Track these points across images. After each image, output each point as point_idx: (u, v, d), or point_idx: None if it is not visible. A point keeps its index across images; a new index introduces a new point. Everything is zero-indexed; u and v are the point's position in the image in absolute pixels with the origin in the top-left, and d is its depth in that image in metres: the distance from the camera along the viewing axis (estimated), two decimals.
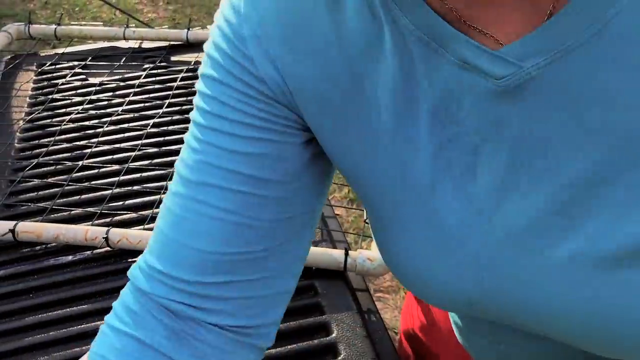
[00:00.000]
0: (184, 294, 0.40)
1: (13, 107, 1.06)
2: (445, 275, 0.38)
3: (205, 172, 0.39)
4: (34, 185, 0.87)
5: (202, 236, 0.39)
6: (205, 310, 0.40)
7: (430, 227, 0.37)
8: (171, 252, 0.40)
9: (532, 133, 0.33)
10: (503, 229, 0.35)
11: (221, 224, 0.39)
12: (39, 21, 3.37)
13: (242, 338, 0.42)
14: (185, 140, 0.41)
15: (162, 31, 1.22)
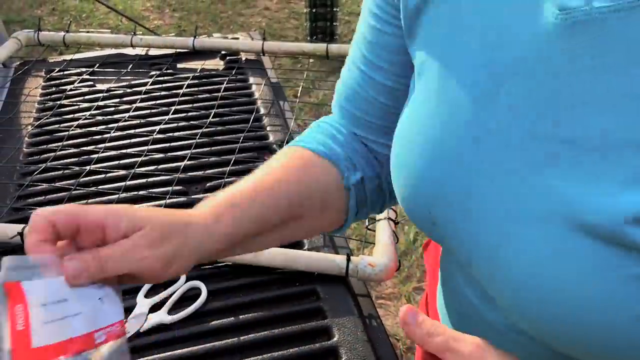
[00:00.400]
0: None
1: (22, 112, 1.08)
2: (429, 170, 0.43)
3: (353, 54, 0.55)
4: (42, 189, 0.88)
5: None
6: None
7: (440, 121, 0.42)
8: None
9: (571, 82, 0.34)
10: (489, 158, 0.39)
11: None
12: (46, 27, 3.41)
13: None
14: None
15: (169, 39, 1.24)
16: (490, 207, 0.40)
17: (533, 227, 0.37)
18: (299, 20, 3.46)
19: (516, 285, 0.39)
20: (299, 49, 1.22)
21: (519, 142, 0.37)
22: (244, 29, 3.42)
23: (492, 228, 0.40)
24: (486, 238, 0.40)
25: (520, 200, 0.38)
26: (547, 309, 0.38)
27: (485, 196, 0.40)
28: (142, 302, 0.70)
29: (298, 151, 0.55)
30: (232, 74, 1.15)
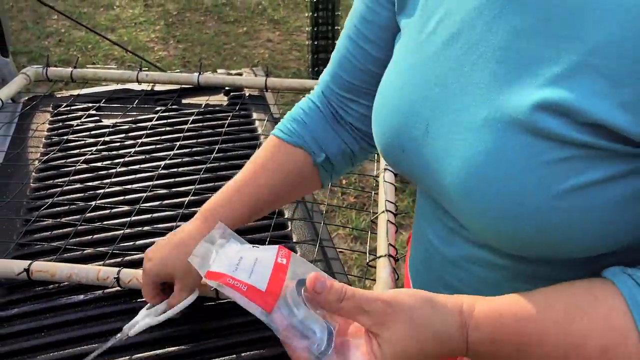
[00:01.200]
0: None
1: (29, 147, 1.10)
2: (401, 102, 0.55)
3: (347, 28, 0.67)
4: (47, 224, 0.90)
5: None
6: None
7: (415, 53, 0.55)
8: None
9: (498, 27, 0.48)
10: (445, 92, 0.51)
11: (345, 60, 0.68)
12: (52, 58, 3.46)
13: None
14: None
15: (174, 75, 1.27)
16: (443, 125, 0.50)
17: (473, 132, 0.47)
18: (301, 52, 3.51)
19: (460, 184, 0.48)
20: (301, 85, 1.24)
21: (468, 71, 0.49)
22: (246, 61, 3.47)
23: (443, 140, 0.50)
24: (438, 150, 0.50)
25: (465, 115, 0.48)
26: (487, 202, 0.46)
27: (440, 118, 0.51)
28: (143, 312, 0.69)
29: (272, 141, 0.72)
30: (235, 110, 1.18)
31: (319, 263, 0.82)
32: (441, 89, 0.51)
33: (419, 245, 0.67)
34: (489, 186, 0.46)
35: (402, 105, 0.55)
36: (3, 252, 0.84)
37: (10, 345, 0.72)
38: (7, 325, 0.75)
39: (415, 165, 0.54)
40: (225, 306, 0.76)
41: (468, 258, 0.56)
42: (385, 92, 0.59)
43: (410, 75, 0.55)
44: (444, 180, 0.50)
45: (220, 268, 0.50)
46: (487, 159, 0.46)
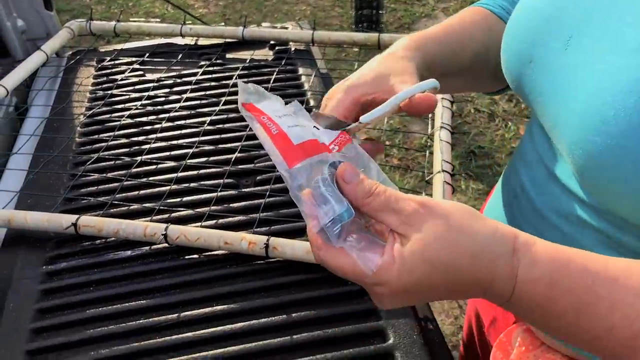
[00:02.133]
0: None
1: (74, 102, 1.08)
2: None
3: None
4: (94, 179, 0.89)
5: None
6: None
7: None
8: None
9: None
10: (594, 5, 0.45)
11: None
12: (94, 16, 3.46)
13: None
14: None
15: (218, 28, 1.23)
16: (590, 41, 0.44)
17: (626, 55, 0.40)
18: (344, 9, 3.41)
19: (594, 110, 0.41)
20: (350, 38, 1.19)
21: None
22: (288, 17, 3.40)
23: (586, 58, 0.43)
24: (576, 68, 0.44)
25: (620, 35, 0.42)
26: (624, 137, 0.39)
27: (588, 33, 0.44)
28: None
29: (482, 12, 0.62)
30: (281, 65, 1.13)
31: None
32: (596, 1, 0.45)
33: (507, 189, 0.60)
34: (631, 119, 0.38)
35: (544, 9, 0.49)
36: (51, 206, 0.83)
37: (59, 298, 0.71)
38: (56, 278, 0.74)
39: (541, 82, 0.48)
40: (273, 264, 0.73)
41: (560, 211, 0.50)
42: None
43: None
44: (573, 103, 0.43)
45: (263, 107, 0.45)
46: (636, 88, 0.39)
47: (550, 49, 0.47)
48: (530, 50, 0.50)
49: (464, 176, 2.20)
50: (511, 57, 0.53)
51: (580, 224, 0.49)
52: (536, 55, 0.49)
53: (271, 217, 0.79)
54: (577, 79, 0.44)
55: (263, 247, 0.72)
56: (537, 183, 0.54)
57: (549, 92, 0.47)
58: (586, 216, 0.48)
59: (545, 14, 0.49)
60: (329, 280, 0.71)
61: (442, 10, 3.38)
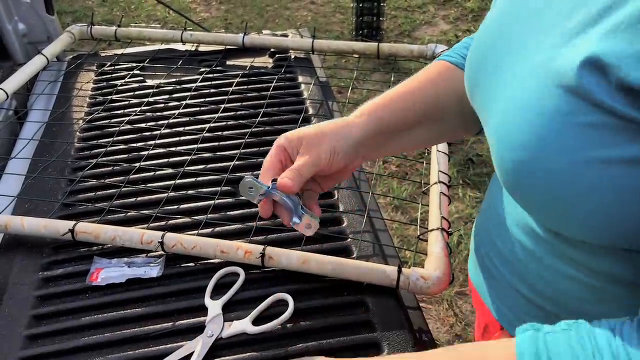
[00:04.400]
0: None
1: (74, 106, 1.09)
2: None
3: None
4: (92, 185, 0.89)
5: None
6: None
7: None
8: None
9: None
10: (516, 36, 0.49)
11: None
12: (96, 18, 3.47)
13: None
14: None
15: (219, 35, 1.24)
16: (508, 64, 0.48)
17: (521, 78, 0.45)
18: (345, 15, 3.43)
19: (496, 127, 0.47)
20: (349, 47, 1.19)
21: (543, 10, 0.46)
22: (289, 23, 3.41)
23: (503, 79, 0.48)
24: (497, 88, 0.49)
25: (523, 58, 0.46)
26: (517, 153, 0.44)
27: (509, 56, 0.48)
28: (212, 305, 0.69)
29: (440, 64, 0.67)
30: (281, 73, 1.14)
31: (366, 234, 0.79)
32: (521, 26, 0.49)
33: (486, 205, 0.66)
34: (520, 133, 0.44)
35: (490, 35, 0.53)
36: (49, 211, 0.83)
37: (55, 305, 0.71)
38: (52, 284, 0.74)
39: (482, 101, 0.53)
40: (269, 273, 0.74)
41: (518, 222, 0.55)
42: (486, 20, 0.57)
43: (508, 4, 0.52)
44: (491, 121, 0.49)
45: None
46: (523, 105, 0.44)
47: (487, 75, 0.52)
48: (476, 76, 0.54)
49: (461, 184, 2.20)
50: (467, 81, 0.57)
51: (533, 236, 0.53)
52: (479, 80, 0.54)
53: (268, 226, 0.80)
54: (495, 100, 0.49)
55: (259, 256, 0.72)
56: (500, 196, 0.59)
57: (484, 113, 0.52)
58: (534, 225, 0.53)
59: (485, 45, 0.54)
60: (323, 290, 0.71)
61: (442, 17, 3.39)
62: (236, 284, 0.71)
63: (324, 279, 0.72)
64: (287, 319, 0.66)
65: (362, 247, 0.77)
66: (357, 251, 0.77)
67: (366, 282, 0.71)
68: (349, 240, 0.78)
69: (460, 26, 3.29)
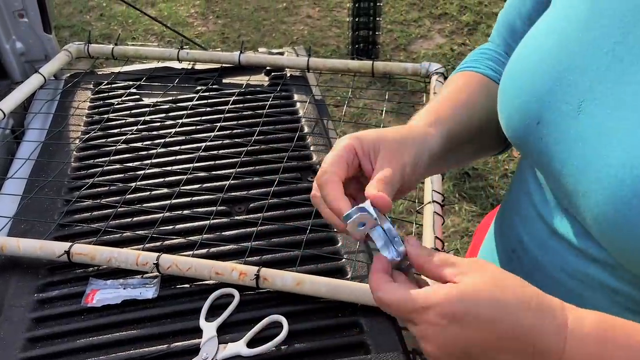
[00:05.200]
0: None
1: (71, 125, 1.09)
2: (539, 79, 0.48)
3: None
4: (88, 205, 0.89)
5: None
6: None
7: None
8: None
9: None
10: (614, 67, 0.43)
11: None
12: (94, 32, 3.49)
13: None
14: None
15: (215, 54, 1.25)
16: (607, 104, 0.41)
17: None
18: (341, 29, 3.45)
19: (620, 178, 0.39)
20: (345, 65, 1.20)
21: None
22: (285, 37, 3.43)
23: (603, 121, 0.41)
24: (591, 132, 0.42)
25: (633, 105, 0.40)
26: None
27: (604, 95, 0.42)
28: (207, 327, 0.69)
29: (475, 76, 0.62)
30: (277, 91, 1.15)
31: (360, 254, 0.80)
32: (614, 61, 0.42)
33: (503, 243, 0.58)
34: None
35: (553, 68, 0.46)
36: (45, 232, 0.84)
37: (50, 327, 0.72)
38: (48, 306, 0.75)
39: (552, 146, 0.46)
40: (264, 295, 0.74)
41: (567, 269, 0.49)
42: (534, 41, 0.50)
43: (576, 32, 0.46)
44: (588, 172, 0.42)
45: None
46: None
47: (562, 112, 0.45)
48: (538, 111, 0.47)
49: (457, 198, 2.21)
50: (515, 114, 0.50)
51: (591, 283, 0.47)
52: (545, 116, 0.47)
53: (263, 247, 0.80)
54: (598, 148, 0.42)
55: (253, 277, 0.72)
56: (538, 239, 0.52)
57: (563, 159, 0.45)
58: (597, 275, 0.47)
59: (554, 72, 0.47)
60: (318, 311, 0.72)
61: (437, 31, 3.41)
62: (231, 305, 0.71)
63: (319, 300, 0.72)
64: (281, 341, 0.66)
65: (356, 267, 0.78)
66: (352, 272, 0.77)
67: (361, 303, 0.71)
68: (343, 261, 0.79)
69: (455, 40, 3.31)
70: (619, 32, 0.43)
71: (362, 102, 2.58)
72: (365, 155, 0.50)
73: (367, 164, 0.50)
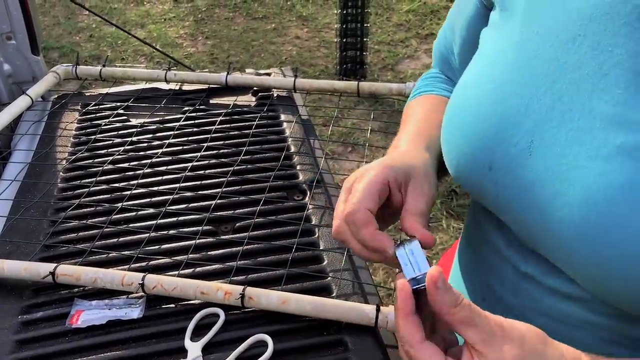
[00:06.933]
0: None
1: (57, 146, 1.10)
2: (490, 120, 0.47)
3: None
4: (74, 226, 0.89)
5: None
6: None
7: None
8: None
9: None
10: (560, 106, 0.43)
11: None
12: (83, 53, 3.50)
13: None
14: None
15: (202, 74, 1.26)
16: (556, 145, 0.42)
17: (604, 160, 0.39)
18: (329, 49, 3.49)
19: (581, 222, 0.40)
20: (331, 86, 1.22)
21: (593, 81, 0.40)
22: (274, 57, 3.46)
23: (555, 164, 0.41)
24: (545, 175, 0.42)
25: (589, 137, 0.40)
26: (616, 246, 0.38)
27: (552, 136, 0.42)
28: (192, 346, 0.69)
29: (435, 98, 0.64)
30: (263, 111, 1.16)
31: (346, 272, 0.80)
32: (554, 99, 0.43)
33: (472, 291, 0.57)
34: (622, 228, 0.38)
35: (496, 110, 0.46)
36: (30, 253, 0.84)
37: (35, 349, 0.71)
38: (32, 328, 0.74)
39: (507, 190, 0.46)
40: (249, 314, 0.74)
41: (542, 310, 0.48)
42: (470, 89, 0.50)
43: (510, 75, 0.46)
44: (551, 213, 0.42)
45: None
46: (624, 195, 0.38)
47: (512, 155, 0.45)
48: (488, 156, 0.47)
49: (445, 215, 2.22)
50: (463, 162, 0.50)
51: (569, 321, 0.47)
52: (496, 161, 0.46)
53: (248, 266, 0.80)
54: (556, 187, 0.42)
55: (239, 297, 0.72)
56: (507, 284, 0.51)
57: (522, 202, 0.45)
58: (574, 311, 0.46)
59: (497, 116, 0.46)
60: (303, 330, 0.72)
61: (424, 51, 3.46)
62: (216, 325, 0.71)
63: (304, 318, 0.73)
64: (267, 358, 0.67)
65: (342, 285, 0.78)
66: (337, 290, 0.78)
67: (345, 322, 0.72)
68: (329, 279, 0.79)
69: None
70: (554, 71, 0.43)
71: (350, 122, 2.60)
72: (397, 186, 0.49)
73: (397, 195, 0.49)
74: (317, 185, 0.97)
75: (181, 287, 0.74)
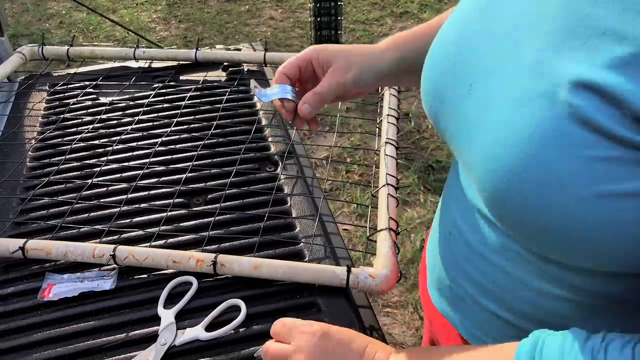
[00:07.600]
0: None
1: (26, 126, 1.08)
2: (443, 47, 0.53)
3: None
4: (44, 203, 0.89)
5: None
6: None
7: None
8: None
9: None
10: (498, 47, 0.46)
11: None
12: (53, 40, 3.44)
13: None
14: None
15: (171, 51, 1.25)
16: (487, 87, 0.45)
17: (513, 104, 0.42)
18: (304, 30, 3.47)
19: (486, 158, 0.43)
20: None
21: (525, 28, 0.43)
22: (249, 39, 3.43)
23: (484, 102, 0.45)
24: (477, 111, 0.46)
25: (510, 80, 0.43)
26: (516, 188, 0.41)
27: (486, 78, 0.45)
28: (165, 314, 0.69)
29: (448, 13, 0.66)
30: (234, 85, 1.15)
31: (318, 238, 0.81)
32: (495, 44, 0.45)
33: (442, 227, 0.61)
34: (521, 169, 0.40)
35: (454, 52, 0.50)
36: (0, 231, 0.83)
37: (7, 323, 0.71)
38: (4, 303, 0.74)
39: (452, 123, 0.50)
40: (222, 281, 0.75)
41: (493, 246, 0.51)
42: (445, 27, 0.54)
43: (471, 19, 0.50)
44: (476, 147, 0.45)
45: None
46: (522, 139, 0.40)
47: (457, 93, 0.49)
48: (441, 92, 0.51)
49: (422, 190, 2.24)
50: (427, 94, 0.54)
51: (510, 256, 0.49)
52: (446, 97, 0.51)
53: (221, 235, 0.81)
54: (479, 125, 0.45)
55: (210, 264, 0.73)
56: (468, 219, 0.54)
57: (458, 135, 0.49)
58: (513, 246, 0.49)
59: (451, 58, 0.50)
60: (276, 294, 0.73)
61: (399, 29, 3.46)
62: (189, 292, 0.72)
63: (277, 283, 0.73)
64: (239, 323, 0.67)
65: (314, 250, 0.79)
66: (309, 255, 0.78)
67: (318, 284, 0.73)
68: (301, 245, 0.80)
69: None
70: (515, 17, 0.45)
71: None
72: (320, 66, 0.67)
73: (320, 74, 0.68)
74: (289, 156, 0.97)
75: (153, 257, 0.74)
